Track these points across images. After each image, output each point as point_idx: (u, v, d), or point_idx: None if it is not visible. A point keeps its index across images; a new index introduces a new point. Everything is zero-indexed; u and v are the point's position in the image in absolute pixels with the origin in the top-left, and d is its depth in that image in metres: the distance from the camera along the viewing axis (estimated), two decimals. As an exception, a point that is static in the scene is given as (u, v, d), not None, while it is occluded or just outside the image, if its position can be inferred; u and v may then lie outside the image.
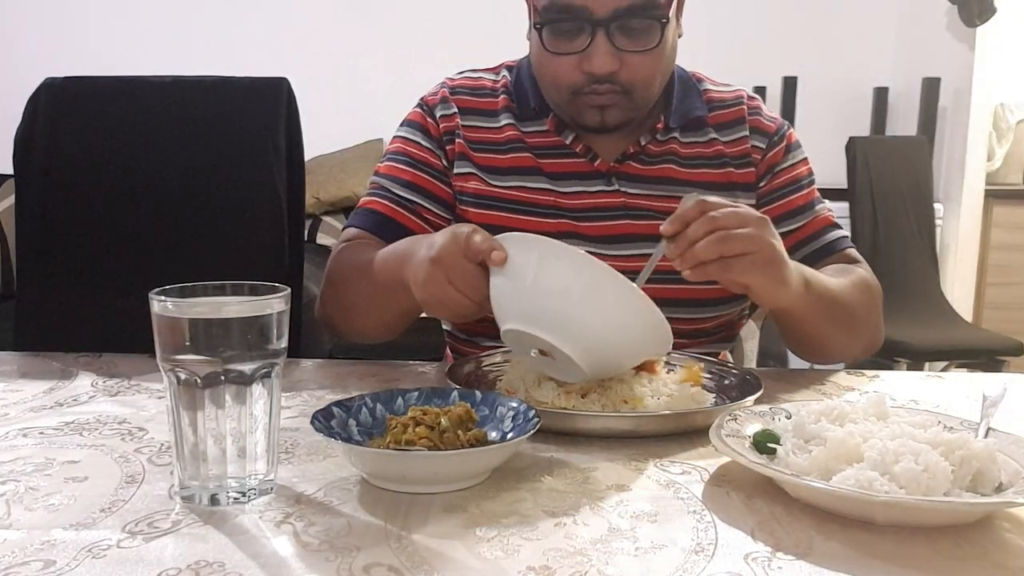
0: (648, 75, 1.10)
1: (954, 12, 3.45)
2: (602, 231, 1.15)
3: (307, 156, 1.39)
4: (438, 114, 1.21)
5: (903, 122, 3.75)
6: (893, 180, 3.07)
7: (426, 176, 1.19)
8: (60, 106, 1.32)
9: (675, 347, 1.13)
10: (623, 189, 1.17)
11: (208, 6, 3.71)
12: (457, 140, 1.19)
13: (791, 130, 1.24)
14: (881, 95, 3.73)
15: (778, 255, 0.91)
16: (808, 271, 1.01)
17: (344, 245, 1.17)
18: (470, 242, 0.88)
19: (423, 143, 1.21)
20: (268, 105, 1.33)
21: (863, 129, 3.71)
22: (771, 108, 1.31)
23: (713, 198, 0.91)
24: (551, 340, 0.82)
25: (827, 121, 3.71)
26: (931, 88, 3.54)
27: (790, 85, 3.56)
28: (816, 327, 1.06)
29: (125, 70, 1.44)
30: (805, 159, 1.24)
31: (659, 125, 1.18)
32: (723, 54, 3.55)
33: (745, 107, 1.22)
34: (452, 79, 1.25)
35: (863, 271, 1.17)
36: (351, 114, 3.64)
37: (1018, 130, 3.70)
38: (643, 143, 1.18)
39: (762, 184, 1.21)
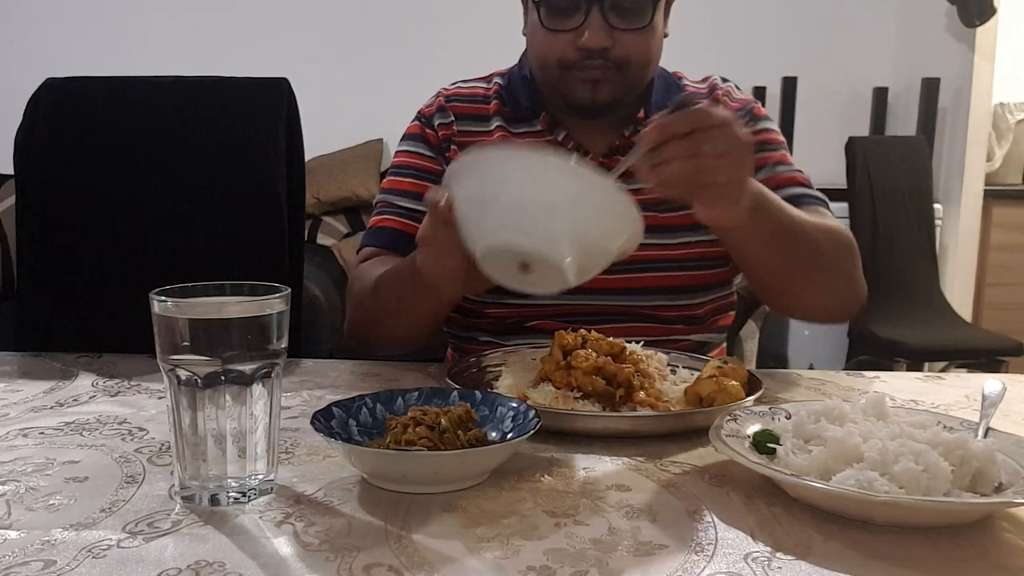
0: (639, 53, 1.12)
1: (953, 12, 3.45)
2: None
3: (307, 156, 1.39)
4: (436, 123, 1.24)
5: (903, 122, 3.75)
6: (893, 180, 3.07)
7: (431, 183, 1.20)
8: (61, 106, 1.32)
9: (670, 341, 1.15)
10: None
11: (208, 6, 3.71)
12: (453, 146, 1.22)
13: (757, 104, 1.27)
14: (881, 95, 3.73)
15: (742, 187, 0.90)
16: (764, 192, 0.98)
17: (364, 264, 1.19)
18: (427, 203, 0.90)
19: (425, 152, 1.24)
20: (268, 105, 1.33)
21: (863, 129, 3.70)
22: (771, 108, 1.33)
23: (704, 108, 0.85)
24: (523, 242, 0.79)
25: (827, 121, 3.71)
26: (931, 88, 3.54)
27: (790, 85, 3.56)
28: (772, 258, 1.04)
29: (125, 70, 1.44)
30: (774, 129, 1.25)
31: (640, 115, 1.21)
32: (723, 54, 3.56)
33: (719, 91, 1.26)
34: (447, 89, 1.28)
35: (834, 222, 1.14)
36: (351, 114, 3.64)
37: (1018, 130, 3.70)
38: (627, 135, 1.20)
39: None
